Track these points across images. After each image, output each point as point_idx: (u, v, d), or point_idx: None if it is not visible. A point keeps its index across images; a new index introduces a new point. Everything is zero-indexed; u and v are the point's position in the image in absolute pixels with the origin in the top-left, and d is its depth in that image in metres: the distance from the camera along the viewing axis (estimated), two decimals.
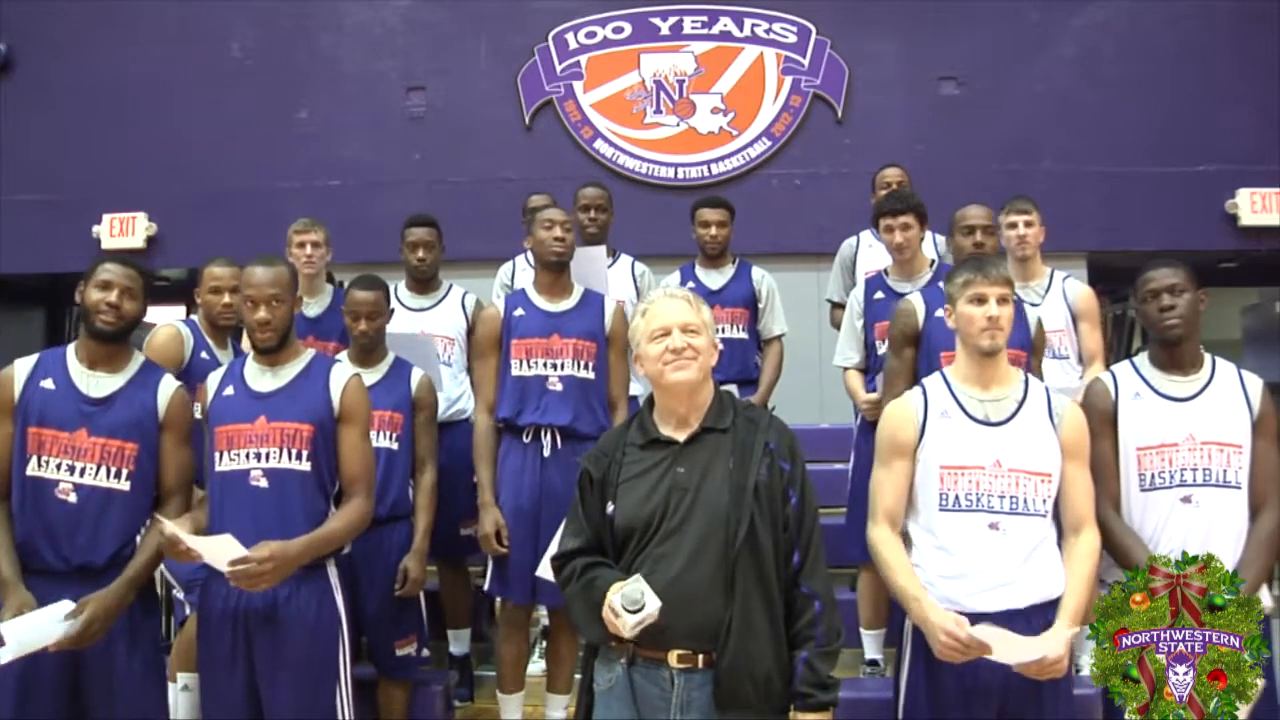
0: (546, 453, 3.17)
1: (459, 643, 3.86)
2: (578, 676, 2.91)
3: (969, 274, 2.42)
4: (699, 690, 2.02)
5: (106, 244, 6.20)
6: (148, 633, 2.62)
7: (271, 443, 2.54)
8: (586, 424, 3.20)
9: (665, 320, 2.13)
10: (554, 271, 3.31)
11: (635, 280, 4.08)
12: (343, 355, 3.32)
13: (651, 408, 2.20)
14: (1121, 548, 2.47)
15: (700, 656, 2.02)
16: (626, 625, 1.95)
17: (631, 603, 1.95)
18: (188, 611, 3.09)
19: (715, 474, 2.08)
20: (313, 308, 3.72)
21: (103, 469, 2.51)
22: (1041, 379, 2.75)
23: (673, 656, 2.03)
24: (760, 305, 4.11)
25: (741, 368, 4.06)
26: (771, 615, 2.04)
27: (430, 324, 3.76)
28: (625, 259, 4.13)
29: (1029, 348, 3.10)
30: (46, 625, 2.34)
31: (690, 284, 4.09)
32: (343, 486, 2.63)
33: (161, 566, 3.03)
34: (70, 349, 2.63)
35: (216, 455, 2.58)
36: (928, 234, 4.25)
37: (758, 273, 4.15)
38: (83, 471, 2.50)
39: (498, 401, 3.25)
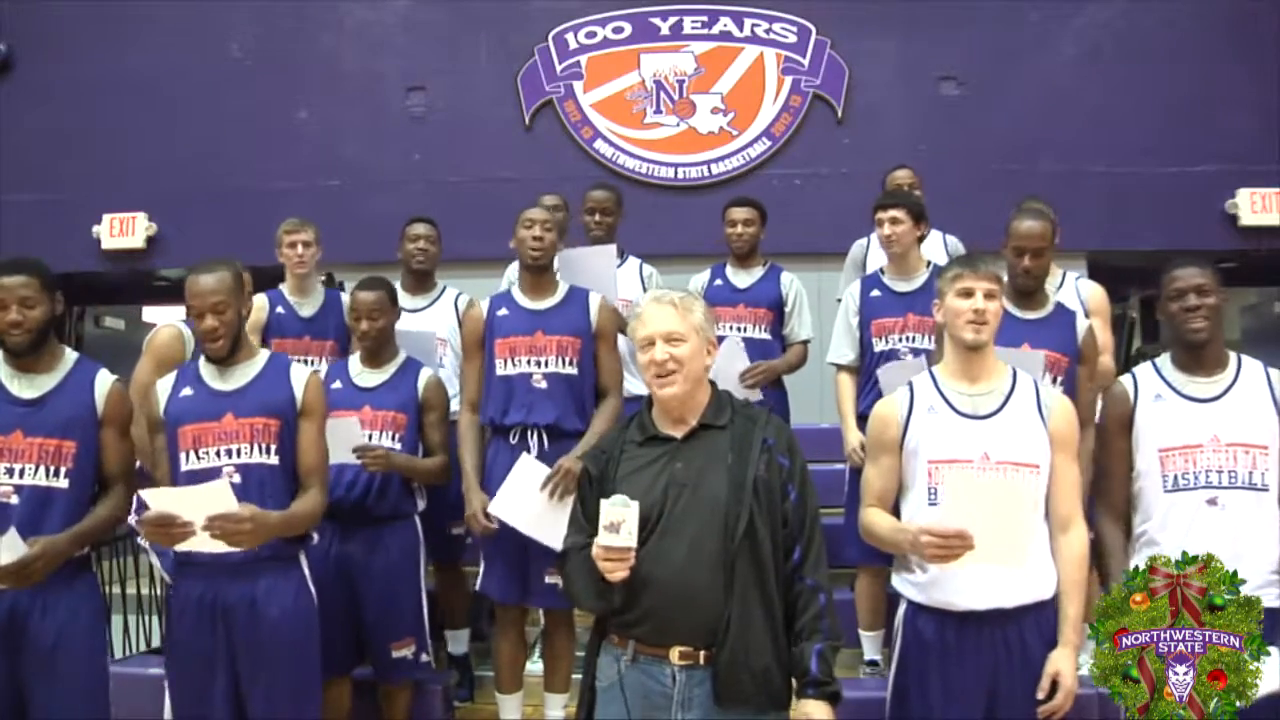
0: (534, 452, 3.16)
1: (457, 643, 3.86)
2: (576, 676, 2.91)
3: (959, 269, 2.41)
4: (700, 687, 2.03)
5: (107, 244, 6.22)
6: (89, 605, 2.61)
7: (242, 439, 2.58)
8: (573, 421, 3.19)
9: (649, 329, 2.13)
10: (535, 272, 3.31)
11: (643, 281, 4.08)
12: (353, 357, 3.35)
13: (651, 407, 2.21)
14: (1104, 568, 2.48)
15: (701, 654, 2.02)
16: (619, 527, 1.96)
17: (622, 504, 1.97)
18: None
19: (714, 469, 2.09)
20: (306, 308, 3.73)
21: (41, 468, 2.52)
22: (1093, 394, 2.69)
23: (674, 654, 2.03)
24: (787, 309, 4.07)
25: None
26: (770, 610, 2.04)
27: (423, 324, 3.76)
28: (633, 261, 4.12)
29: (1074, 354, 3.03)
30: None
31: (718, 282, 4.09)
32: (300, 479, 2.66)
33: (155, 563, 3.04)
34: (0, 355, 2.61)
35: (182, 455, 2.59)
36: (941, 235, 4.25)
37: (787, 277, 4.11)
38: (22, 473, 2.51)
39: (484, 402, 3.25)
